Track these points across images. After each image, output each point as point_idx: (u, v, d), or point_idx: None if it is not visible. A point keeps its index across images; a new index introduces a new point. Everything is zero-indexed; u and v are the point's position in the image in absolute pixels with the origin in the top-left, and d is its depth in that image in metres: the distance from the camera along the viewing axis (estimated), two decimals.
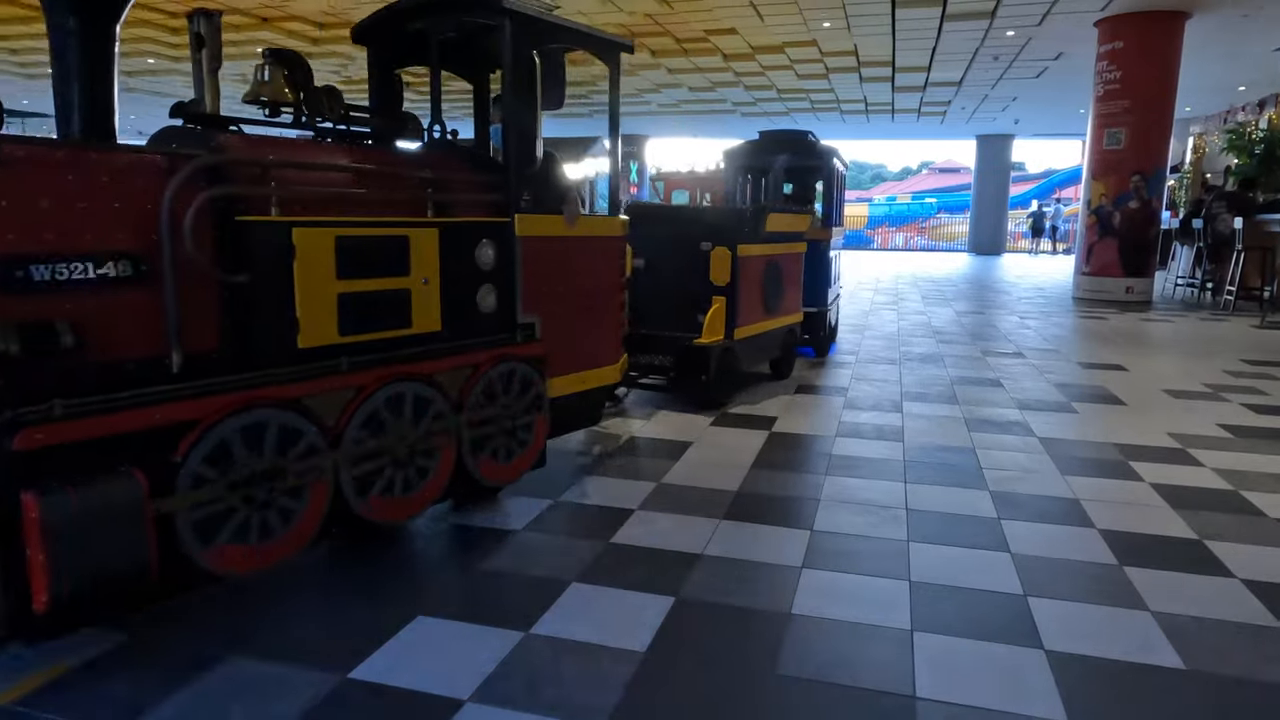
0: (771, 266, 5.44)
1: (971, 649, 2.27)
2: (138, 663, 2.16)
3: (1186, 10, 10.95)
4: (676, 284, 5.06)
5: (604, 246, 3.71)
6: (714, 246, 4.93)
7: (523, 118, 3.23)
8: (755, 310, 5.28)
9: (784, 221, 5.60)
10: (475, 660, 2.18)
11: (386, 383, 2.68)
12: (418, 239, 2.82)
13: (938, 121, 22.78)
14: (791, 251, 5.81)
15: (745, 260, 5.05)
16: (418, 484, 2.84)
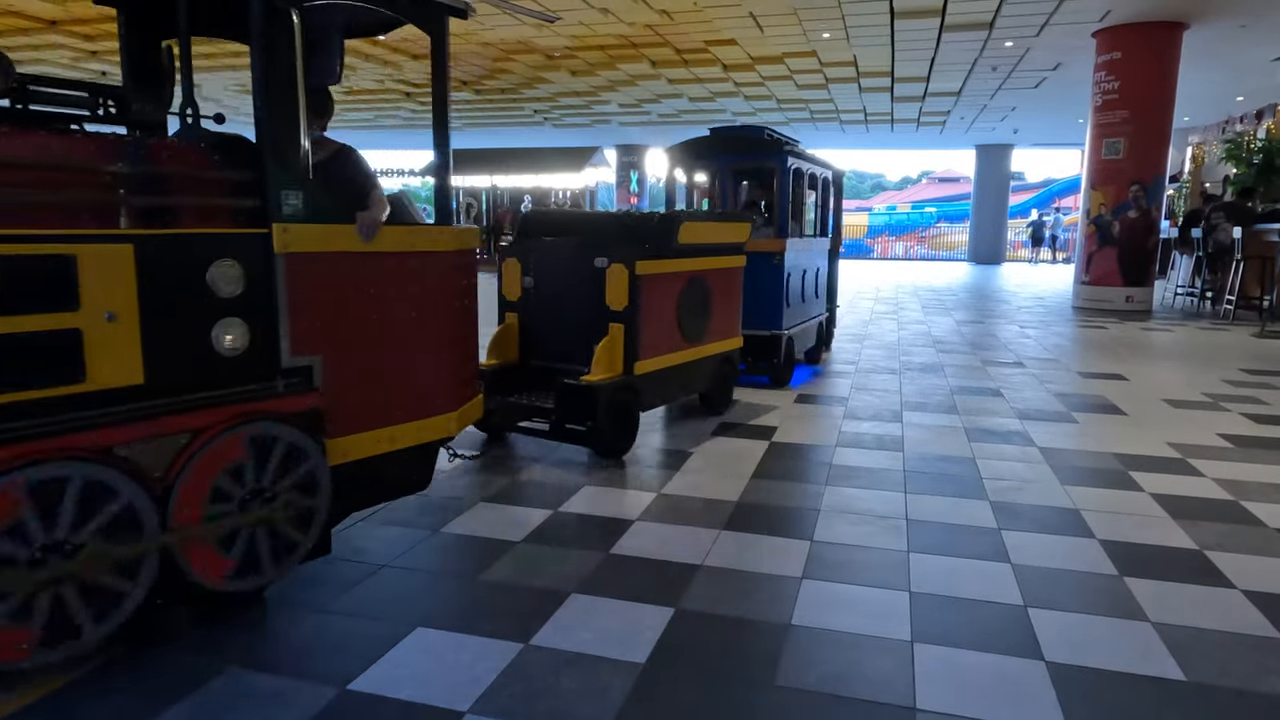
0: (694, 286, 4.58)
1: (972, 660, 2.26)
2: (136, 675, 2.15)
3: (1184, 21, 11.01)
4: (571, 308, 4.30)
5: (432, 265, 2.90)
6: (609, 263, 4.10)
7: (278, 95, 2.42)
8: (668, 338, 4.43)
9: (709, 231, 4.75)
10: (474, 672, 2.17)
11: (19, 466, 1.89)
12: (94, 258, 2.04)
13: (937, 131, 22.85)
14: (724, 266, 4.91)
15: (651, 280, 4.21)
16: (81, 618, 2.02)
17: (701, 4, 10.73)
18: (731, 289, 5.09)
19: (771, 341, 5.87)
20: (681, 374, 4.61)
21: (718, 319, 4.92)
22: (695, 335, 4.68)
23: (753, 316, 5.65)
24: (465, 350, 3.12)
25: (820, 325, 7.08)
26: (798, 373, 6.46)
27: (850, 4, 10.53)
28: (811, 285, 6.66)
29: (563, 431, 3.99)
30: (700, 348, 4.75)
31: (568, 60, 14.36)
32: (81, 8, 11.36)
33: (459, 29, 12.15)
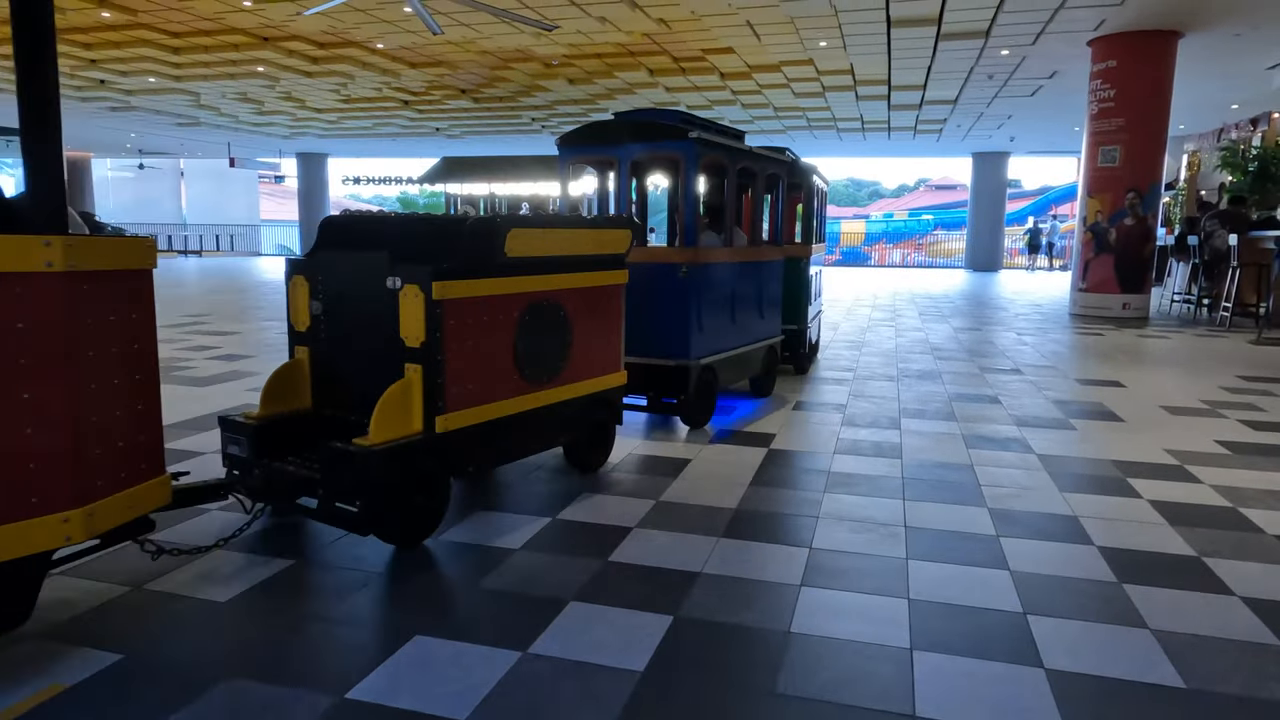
0: (540, 311, 3.50)
1: (971, 668, 2.26)
2: (133, 683, 2.14)
3: (1179, 30, 11.07)
4: (367, 341, 3.23)
5: (24, 294, 2.07)
6: (402, 284, 3.03)
7: None
8: (500, 381, 3.32)
9: (562, 240, 3.61)
10: (473, 680, 2.17)
11: None
12: None
13: (934, 139, 22.93)
14: (592, 285, 3.80)
15: (462, 305, 3.11)
16: None
17: (699, 13, 10.78)
18: (606, 313, 3.93)
19: (677, 373, 4.71)
20: (525, 426, 3.51)
21: (583, 352, 3.78)
22: (545, 375, 3.56)
23: (652, 342, 4.70)
24: (108, 414, 2.29)
25: (772, 351, 5.96)
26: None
27: (847, 13, 10.58)
28: (752, 303, 5.50)
29: (333, 513, 2.93)
30: (554, 390, 3.62)
31: (566, 68, 14.41)
32: (80, 16, 11.38)
33: (457, 38, 12.20)
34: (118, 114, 20.27)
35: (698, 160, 4.67)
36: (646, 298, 4.62)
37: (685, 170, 4.67)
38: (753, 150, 5.36)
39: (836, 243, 33.77)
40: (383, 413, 2.93)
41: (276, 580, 2.79)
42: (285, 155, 29.82)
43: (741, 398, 5.92)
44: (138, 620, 2.49)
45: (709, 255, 4.90)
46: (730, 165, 5.08)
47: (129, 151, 29.88)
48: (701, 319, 4.81)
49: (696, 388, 4.78)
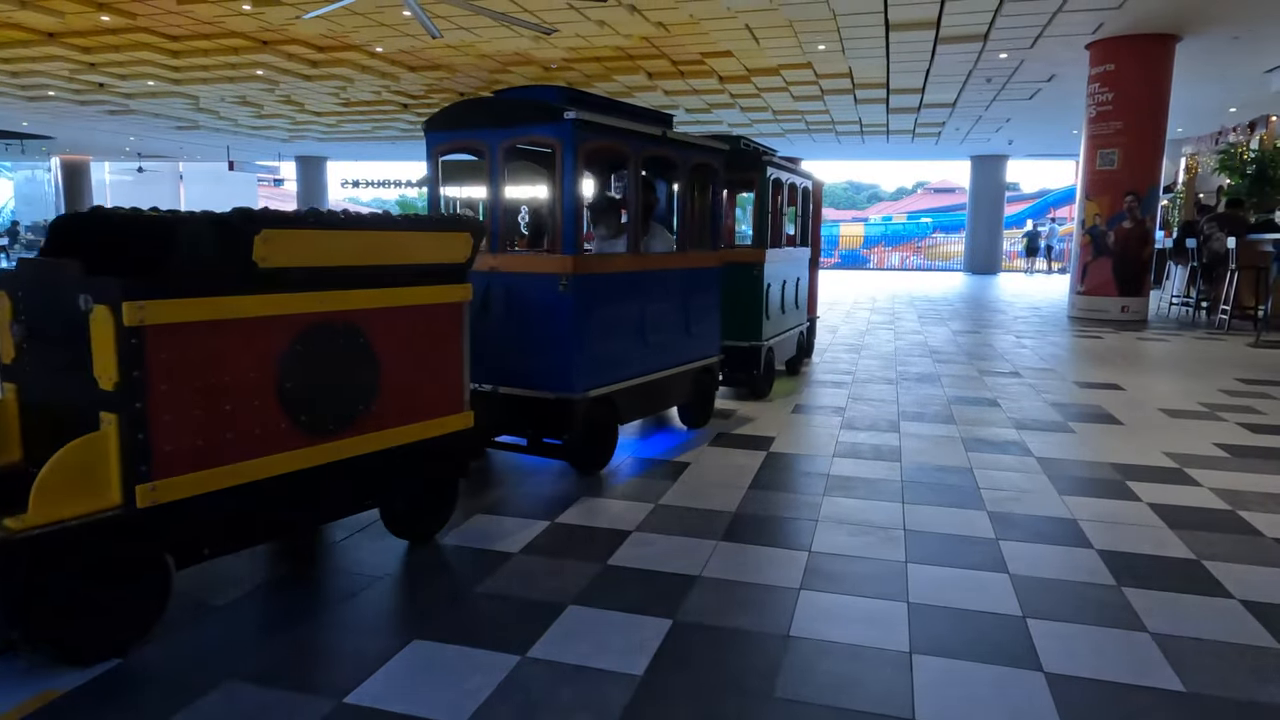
0: (322, 337, 2.64)
1: (970, 671, 2.26)
2: (132, 689, 2.14)
3: (1176, 33, 11.09)
4: (72, 379, 2.35)
5: None
6: (93, 305, 2.21)
7: None
8: (250, 433, 2.47)
9: (358, 246, 2.73)
10: (472, 684, 2.16)
11: None
12: None
13: (932, 142, 22.97)
14: (410, 303, 2.94)
15: (181, 332, 2.29)
16: None
17: (697, 16, 10.79)
18: (437, 338, 3.07)
19: (558, 408, 3.85)
20: (306, 488, 2.63)
21: (401, 389, 2.92)
22: (337, 421, 2.70)
23: (529, 371, 3.87)
24: None
25: (705, 375, 5.02)
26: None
27: (845, 16, 10.60)
28: (672, 319, 4.57)
29: None
30: (354, 441, 2.76)
31: (565, 72, 14.43)
32: (80, 19, 11.39)
33: (456, 41, 12.21)
34: (117, 117, 20.28)
35: (578, 146, 3.72)
36: (520, 317, 3.87)
37: (562, 158, 3.74)
38: (670, 136, 4.41)
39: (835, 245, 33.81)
40: (51, 480, 2.10)
41: (274, 584, 2.78)
42: (284, 158, 29.84)
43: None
44: None
45: (600, 264, 4.04)
46: (633, 153, 4.17)
47: (128, 155, 29.88)
48: (590, 342, 3.88)
49: (586, 426, 3.91)
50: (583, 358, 3.85)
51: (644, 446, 4.66)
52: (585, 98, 4.05)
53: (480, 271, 3.81)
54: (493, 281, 3.92)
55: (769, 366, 6.06)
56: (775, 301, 6.14)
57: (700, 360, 4.93)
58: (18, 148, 27.83)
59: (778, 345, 6.28)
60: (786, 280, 6.50)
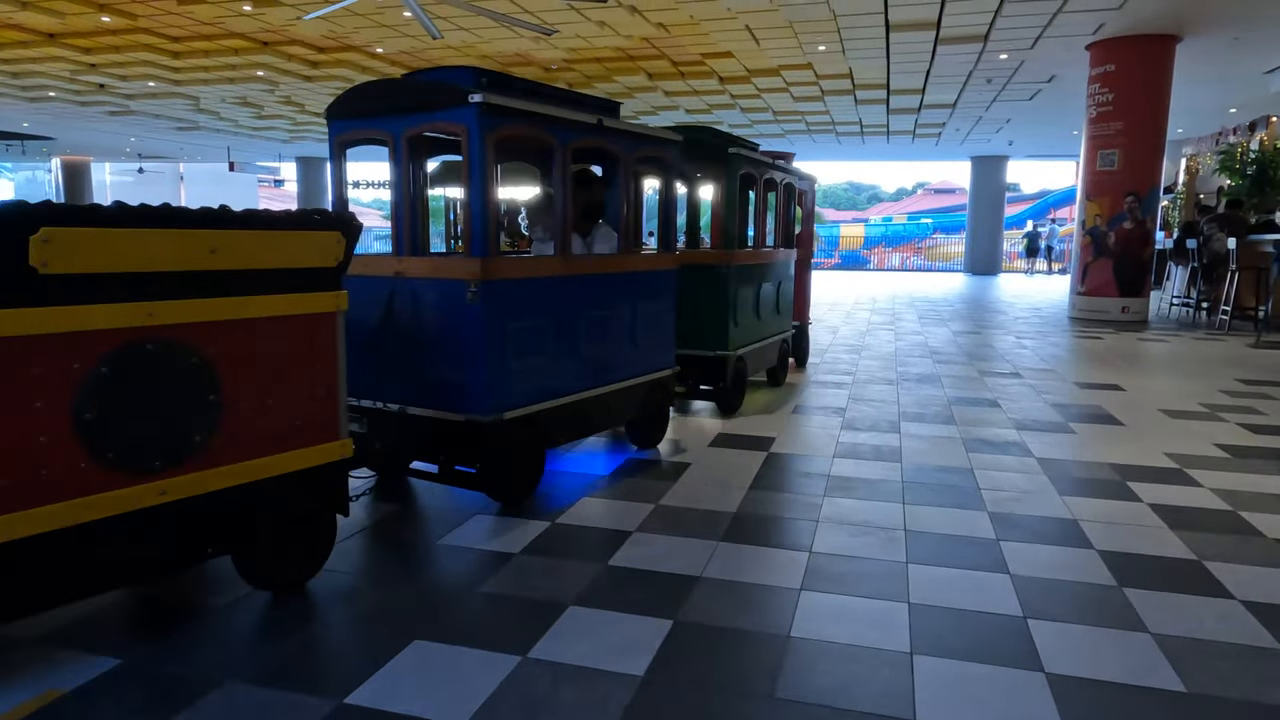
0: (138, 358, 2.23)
1: (971, 672, 2.26)
2: (131, 689, 2.14)
3: (1177, 34, 11.09)
4: None
5: None
6: None
7: None
8: (33, 475, 2.06)
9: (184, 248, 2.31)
10: (472, 685, 2.16)
11: None
12: None
13: (932, 143, 22.97)
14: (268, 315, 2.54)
15: None
16: None
17: (698, 17, 10.80)
18: (297, 357, 2.63)
19: (468, 432, 3.35)
20: (114, 539, 2.22)
21: (250, 418, 2.51)
22: (163, 457, 2.30)
23: (437, 390, 3.43)
24: None
25: (656, 389, 4.48)
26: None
27: (846, 17, 10.60)
28: (617, 331, 4.11)
29: None
30: (187, 479, 2.35)
31: (565, 73, 14.43)
32: (80, 20, 11.40)
33: (457, 42, 12.22)
34: (117, 118, 20.28)
35: (487, 134, 3.23)
36: (427, 329, 3.44)
37: (469, 148, 3.24)
38: (607, 125, 3.93)
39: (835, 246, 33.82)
40: None
41: None
42: (285, 159, 29.83)
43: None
44: (135, 625, 2.48)
45: (518, 268, 3.52)
46: (560, 143, 3.65)
47: (129, 155, 29.88)
48: (507, 357, 3.41)
49: (502, 451, 3.44)
50: (497, 375, 3.36)
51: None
52: (503, 80, 3.49)
53: (384, 277, 3.51)
54: (398, 288, 3.49)
55: (738, 379, 5.50)
56: (747, 307, 5.61)
57: (650, 374, 4.40)
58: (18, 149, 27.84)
59: (751, 355, 5.74)
60: (764, 284, 5.97)
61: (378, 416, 3.58)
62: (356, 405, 3.56)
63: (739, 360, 5.48)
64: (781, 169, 6.30)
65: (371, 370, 3.58)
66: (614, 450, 4.57)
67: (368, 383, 3.57)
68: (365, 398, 3.59)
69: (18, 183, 38.84)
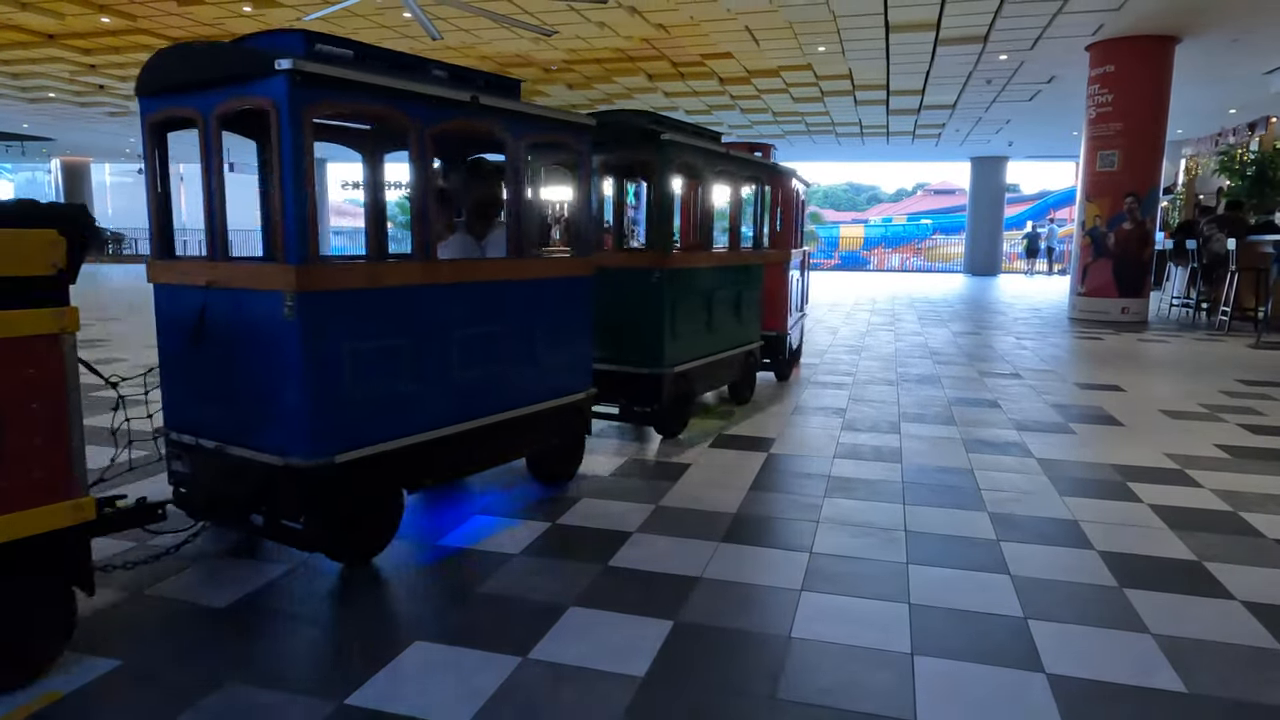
0: None
1: (972, 672, 2.26)
2: (131, 691, 2.14)
3: (1176, 34, 11.10)
4: None
5: None
6: None
7: None
8: None
9: None
10: (473, 686, 2.16)
11: None
12: None
13: (932, 144, 22.97)
14: None
15: None
16: None
17: (698, 18, 10.80)
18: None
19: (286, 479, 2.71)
20: None
21: None
22: None
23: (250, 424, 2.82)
24: None
25: (569, 415, 3.85)
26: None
27: (846, 18, 10.61)
28: (507, 349, 3.42)
29: None
30: None
31: (565, 74, 14.44)
32: (80, 21, 11.40)
33: (457, 43, 12.22)
34: (117, 119, 20.28)
35: (302, 111, 2.58)
36: (240, 352, 2.80)
37: (280, 129, 2.57)
38: (484, 104, 3.18)
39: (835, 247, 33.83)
40: None
41: (274, 586, 2.78)
42: None
43: None
44: (135, 626, 2.48)
45: (351, 277, 2.81)
46: (417, 125, 2.95)
47: (128, 156, 29.88)
48: (343, 385, 2.74)
49: (334, 503, 2.75)
50: (325, 408, 2.68)
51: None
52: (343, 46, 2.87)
53: (193, 287, 2.89)
54: (210, 301, 2.84)
55: (680, 399, 4.79)
56: (692, 317, 4.89)
57: (556, 399, 3.72)
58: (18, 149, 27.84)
59: (698, 371, 5.00)
60: (718, 290, 5.24)
61: (198, 455, 2.98)
62: (177, 441, 3.05)
63: (679, 378, 4.75)
64: (741, 160, 5.56)
65: (188, 399, 3.03)
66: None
67: (187, 414, 3.03)
68: (185, 432, 3.01)
69: (17, 184, 38.83)
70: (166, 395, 3.10)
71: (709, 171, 5.14)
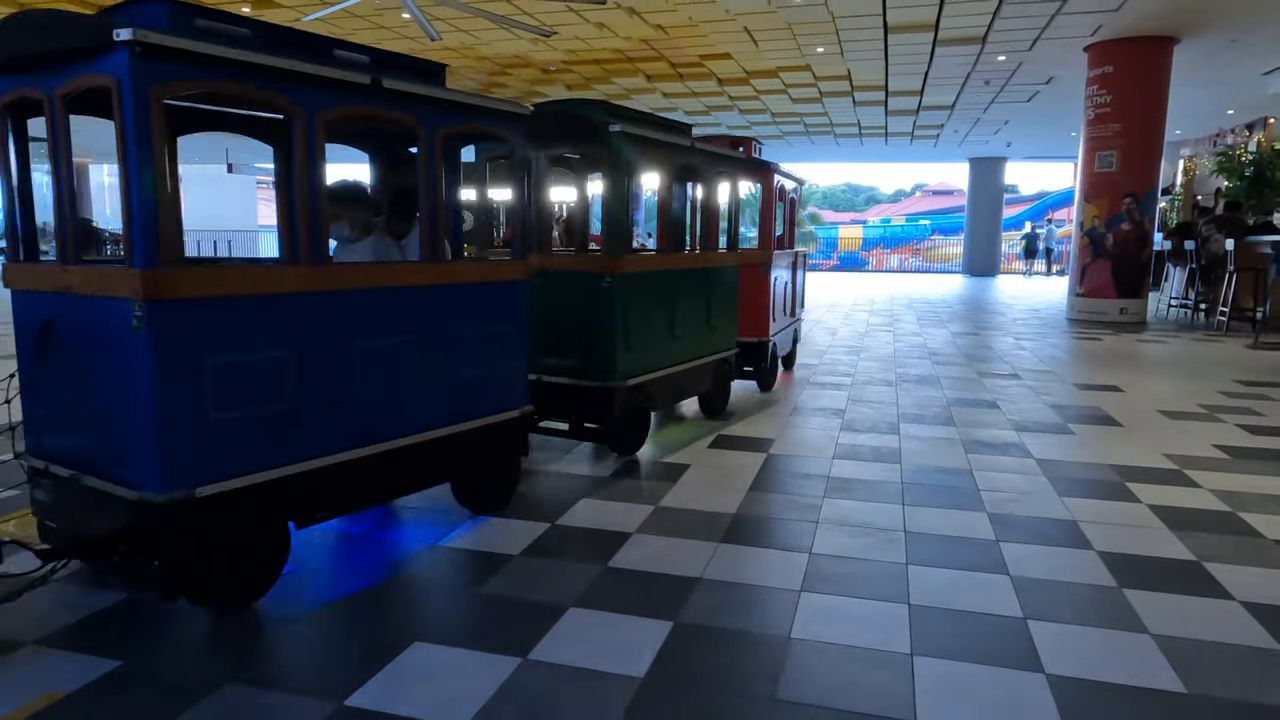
0: None
1: (971, 673, 2.26)
2: (130, 691, 2.13)
3: (1174, 35, 11.11)
4: None
5: None
6: None
7: None
8: None
9: None
10: (473, 687, 2.16)
11: None
12: None
13: (931, 144, 22.98)
14: None
15: None
16: None
17: (696, 19, 10.80)
18: None
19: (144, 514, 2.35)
20: None
21: None
22: None
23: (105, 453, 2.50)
24: None
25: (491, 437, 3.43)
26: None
27: (844, 18, 10.61)
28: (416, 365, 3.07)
29: None
30: None
31: (564, 74, 14.44)
32: None
33: (455, 44, 12.22)
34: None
35: (148, 90, 2.21)
36: (89, 368, 2.50)
37: (121, 109, 2.22)
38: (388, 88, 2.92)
39: (834, 247, 33.83)
40: None
41: (274, 586, 2.77)
42: None
43: None
44: (136, 627, 2.48)
45: (213, 282, 2.42)
46: (299, 110, 2.61)
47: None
48: (206, 405, 2.40)
49: (195, 542, 2.40)
50: (183, 433, 2.35)
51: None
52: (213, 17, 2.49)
53: (45, 293, 2.61)
54: (61, 311, 2.55)
55: (634, 414, 4.36)
56: (651, 326, 4.46)
57: (478, 418, 3.34)
58: None
59: (658, 383, 4.56)
60: (683, 296, 4.77)
61: (54, 483, 2.66)
62: (35, 466, 2.74)
63: (634, 391, 4.29)
64: (712, 155, 5.08)
65: (46, 421, 2.73)
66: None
67: (44, 438, 2.73)
68: (39, 456, 2.72)
69: None
70: (26, 415, 2.77)
71: (672, 167, 4.72)
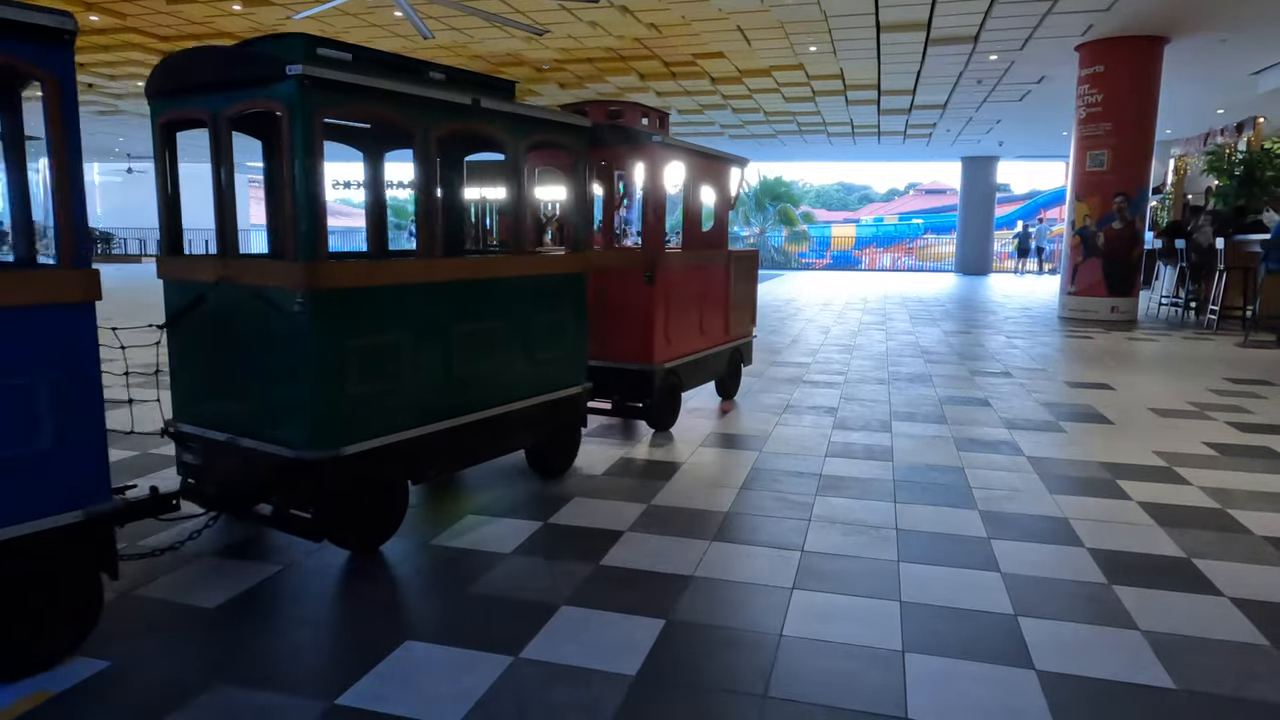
0: None
1: (963, 670, 2.26)
2: (121, 692, 2.13)
3: (1165, 35, 11.16)
4: None
5: None
6: None
7: None
8: None
9: None
10: (464, 685, 2.16)
11: None
12: None
13: (923, 144, 23.04)
14: None
15: None
16: None
17: (689, 17, 10.80)
18: None
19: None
20: None
21: None
22: None
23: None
24: None
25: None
26: None
27: (837, 17, 10.63)
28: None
29: None
30: None
31: (557, 73, 14.42)
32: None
33: (448, 42, 12.19)
34: (106, 118, 20.17)
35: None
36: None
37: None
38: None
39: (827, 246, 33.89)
40: None
41: (265, 586, 2.77)
42: None
43: None
44: (126, 627, 2.47)
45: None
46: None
47: (118, 155, 29.71)
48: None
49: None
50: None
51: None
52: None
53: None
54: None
55: (360, 494, 2.95)
56: (396, 368, 3.02)
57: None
58: None
59: (417, 446, 3.08)
60: (473, 321, 3.34)
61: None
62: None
63: (357, 462, 2.84)
64: (516, 117, 3.50)
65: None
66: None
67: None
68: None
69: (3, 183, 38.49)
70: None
71: (433, 132, 3.11)
